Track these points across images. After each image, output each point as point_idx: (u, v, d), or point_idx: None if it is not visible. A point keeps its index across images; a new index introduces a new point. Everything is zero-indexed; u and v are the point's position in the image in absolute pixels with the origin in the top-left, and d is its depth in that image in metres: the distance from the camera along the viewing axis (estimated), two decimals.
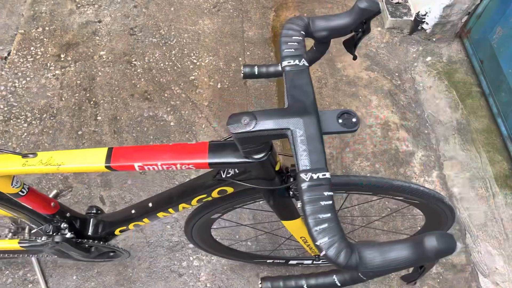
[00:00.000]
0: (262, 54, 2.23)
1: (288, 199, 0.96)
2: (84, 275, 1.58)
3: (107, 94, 2.04)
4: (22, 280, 1.56)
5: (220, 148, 0.82)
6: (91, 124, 1.95)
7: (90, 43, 2.21)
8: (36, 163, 0.86)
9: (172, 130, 1.96)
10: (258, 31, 2.32)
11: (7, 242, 1.22)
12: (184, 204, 1.01)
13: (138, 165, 0.83)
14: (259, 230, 1.68)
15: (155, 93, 2.07)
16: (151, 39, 2.25)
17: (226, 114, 2.01)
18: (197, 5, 2.40)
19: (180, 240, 1.67)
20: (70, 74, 2.09)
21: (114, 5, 2.37)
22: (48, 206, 1.07)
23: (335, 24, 0.82)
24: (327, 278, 0.72)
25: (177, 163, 0.83)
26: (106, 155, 0.85)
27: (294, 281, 0.73)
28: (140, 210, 1.10)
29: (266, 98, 2.08)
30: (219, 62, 2.19)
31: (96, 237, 1.20)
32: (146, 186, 1.80)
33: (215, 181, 0.93)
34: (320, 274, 0.73)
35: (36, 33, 2.23)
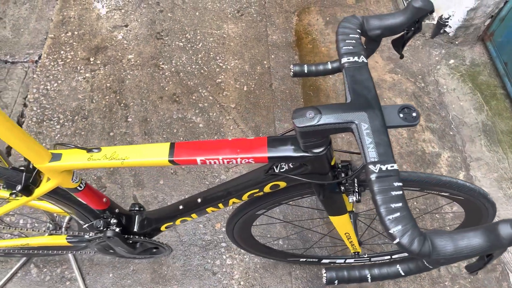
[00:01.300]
0: (287, 57, 2.26)
1: (339, 194, 0.98)
2: (120, 273, 1.61)
3: (136, 97, 2.08)
4: (60, 277, 1.59)
5: (278, 143, 0.85)
6: (122, 125, 1.99)
7: (119, 47, 2.26)
8: (100, 157, 0.89)
9: (201, 131, 1.99)
10: (282, 35, 2.36)
11: (55, 238, 1.25)
12: (234, 199, 1.04)
13: (200, 159, 0.87)
14: (299, 227, 1.70)
15: (183, 95, 2.10)
16: (177, 43, 2.29)
17: (253, 115, 2.05)
18: (221, 9, 2.45)
19: (213, 239, 1.70)
20: (99, 77, 2.14)
21: (140, 10, 2.42)
22: (100, 202, 1.11)
23: (389, 23, 0.85)
24: (390, 268, 0.74)
25: (238, 157, 0.86)
26: (169, 149, 0.88)
27: (357, 271, 0.75)
28: (188, 205, 1.13)
29: (292, 100, 2.11)
30: (244, 65, 2.23)
31: (142, 233, 1.23)
32: (178, 186, 1.83)
33: (268, 176, 0.96)
34: (383, 264, 0.75)
35: (66, 37, 2.28)
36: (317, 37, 2.36)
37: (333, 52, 2.30)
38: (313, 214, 1.77)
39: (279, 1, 2.50)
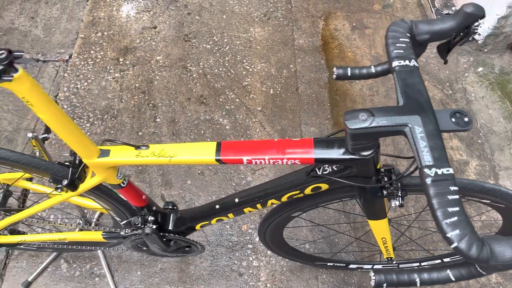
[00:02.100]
0: (313, 62, 2.27)
1: (380, 198, 0.98)
2: (148, 271, 1.62)
3: (164, 97, 2.11)
4: (89, 273, 1.61)
5: (325, 144, 0.86)
6: (151, 125, 2.01)
7: (147, 48, 2.29)
8: (148, 154, 0.91)
9: (227, 133, 2.01)
10: (308, 39, 2.37)
11: (91, 234, 1.27)
12: (273, 200, 1.05)
13: (246, 159, 0.88)
14: (333, 230, 1.70)
15: (211, 97, 2.12)
16: (205, 46, 2.32)
17: (279, 118, 2.06)
18: (248, 13, 2.47)
19: (240, 240, 1.71)
20: (129, 77, 2.17)
21: (168, 12, 2.45)
22: (140, 199, 1.12)
23: (438, 28, 0.85)
24: (440, 273, 0.74)
25: (284, 158, 0.86)
26: (215, 148, 0.89)
27: (406, 275, 0.75)
28: (225, 205, 1.14)
29: (318, 104, 2.11)
30: (271, 69, 2.24)
31: (176, 231, 1.24)
32: (205, 186, 1.84)
33: (309, 178, 0.97)
34: (433, 269, 0.75)
35: (96, 38, 2.32)
36: (343, 42, 2.36)
37: (359, 57, 2.30)
38: (340, 218, 1.77)
39: (306, 6, 2.52)
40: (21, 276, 1.59)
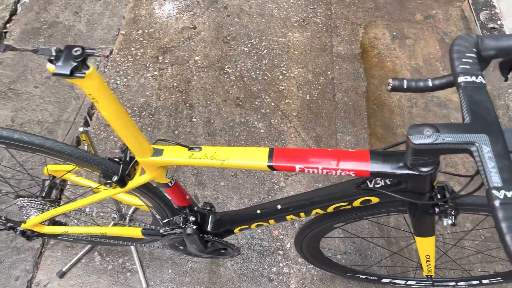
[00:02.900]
0: (352, 70, 2.25)
1: (431, 216, 0.96)
2: (179, 270, 1.63)
3: (201, 98, 2.12)
4: (121, 268, 1.63)
5: (382, 158, 0.84)
6: (187, 125, 2.03)
7: (186, 48, 2.31)
8: (201, 156, 0.91)
9: (262, 137, 2.00)
10: (347, 46, 2.35)
11: (131, 229, 1.28)
12: (319, 210, 1.03)
13: (299, 167, 0.87)
14: (371, 243, 1.68)
15: (246, 100, 2.13)
16: (243, 48, 2.32)
17: (314, 125, 2.04)
18: (287, 18, 2.46)
19: (271, 246, 1.70)
20: (167, 76, 2.20)
21: (208, 13, 2.47)
22: (184, 199, 1.13)
23: (505, 44, 0.82)
24: None
25: (338, 169, 0.85)
26: (268, 154, 0.88)
27: None
28: (266, 211, 1.13)
29: (355, 113, 2.09)
30: (308, 75, 2.23)
31: (214, 233, 1.24)
32: (237, 189, 1.84)
33: (360, 190, 0.95)
34: None
35: (136, 35, 2.36)
36: (383, 51, 2.33)
37: (399, 67, 2.27)
38: (373, 231, 1.74)
39: (346, 13, 2.49)
40: (56, 266, 1.62)
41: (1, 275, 1.60)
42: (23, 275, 1.60)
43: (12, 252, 1.65)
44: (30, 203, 1.18)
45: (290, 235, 1.72)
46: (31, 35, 2.34)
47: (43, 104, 2.07)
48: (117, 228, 1.29)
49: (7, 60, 2.23)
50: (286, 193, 1.83)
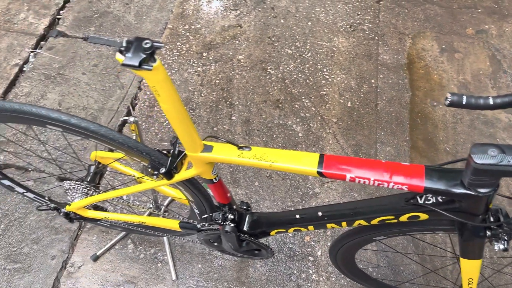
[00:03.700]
0: (396, 80, 2.20)
1: (482, 238, 0.92)
2: (208, 266, 1.64)
3: (242, 97, 2.13)
4: (152, 258, 1.65)
5: (438, 174, 0.82)
6: (226, 122, 2.04)
7: (230, 46, 2.32)
8: (250, 156, 0.91)
9: (299, 141, 1.99)
10: (394, 56, 2.30)
11: (169, 221, 1.30)
12: (362, 221, 1.01)
13: (350, 176, 0.85)
14: (407, 259, 1.64)
15: (286, 102, 2.12)
16: (286, 50, 2.31)
17: (354, 133, 2.01)
18: (334, 22, 2.44)
19: (301, 251, 1.68)
20: (210, 73, 2.21)
21: (254, 13, 2.48)
22: (225, 196, 1.13)
23: None
24: None
25: (391, 182, 0.83)
26: (318, 160, 0.87)
27: None
28: (306, 217, 1.12)
29: (397, 124, 2.04)
30: (351, 81, 2.20)
31: (250, 233, 1.24)
32: (271, 190, 1.84)
33: (408, 205, 0.92)
34: None
35: (183, 30, 2.39)
36: (430, 64, 2.27)
37: (445, 81, 2.20)
38: (408, 246, 1.69)
39: (394, 22, 2.44)
40: (90, 249, 1.66)
41: (39, 253, 1.65)
42: (59, 255, 1.65)
43: (51, 231, 1.71)
44: (76, 187, 1.21)
45: (322, 242, 1.70)
46: (82, 23, 2.41)
47: (89, 91, 2.13)
48: (156, 219, 1.31)
49: (58, 45, 2.31)
50: (320, 199, 1.81)
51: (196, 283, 1.60)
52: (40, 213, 1.74)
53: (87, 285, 1.59)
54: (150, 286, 1.59)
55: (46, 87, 2.14)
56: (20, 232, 1.70)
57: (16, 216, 1.74)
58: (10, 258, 1.64)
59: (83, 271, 1.62)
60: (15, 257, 1.65)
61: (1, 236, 1.69)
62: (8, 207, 1.76)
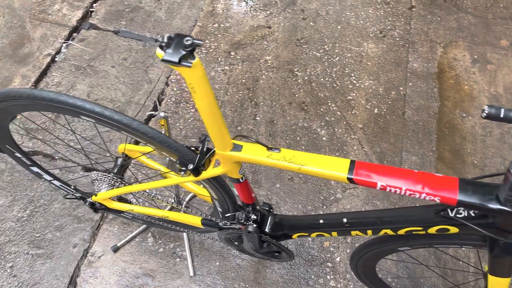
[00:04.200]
0: (425, 88, 2.16)
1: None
2: (226, 264, 1.64)
3: (267, 98, 2.13)
4: (171, 252, 1.67)
5: (472, 188, 0.79)
6: (250, 122, 2.04)
7: (258, 47, 2.32)
8: (279, 158, 0.90)
9: (323, 144, 1.98)
10: (424, 64, 2.26)
11: (191, 217, 1.31)
12: (388, 231, 1.00)
13: (381, 184, 0.84)
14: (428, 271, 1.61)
15: (312, 105, 2.10)
16: (314, 53, 2.30)
17: (379, 140, 1.98)
18: (364, 27, 2.41)
19: (320, 256, 1.67)
20: (237, 72, 2.22)
21: (284, 14, 2.47)
22: (250, 196, 1.13)
23: None
24: None
25: (423, 193, 0.81)
26: (348, 166, 0.86)
27: None
28: (330, 222, 1.11)
29: (424, 133, 2.01)
30: (378, 88, 2.17)
31: (272, 235, 1.24)
32: (292, 193, 1.83)
33: (438, 217, 0.90)
34: None
35: (212, 28, 2.40)
36: (461, 74, 2.22)
37: (476, 92, 2.15)
38: (430, 259, 1.66)
39: (426, 29, 2.40)
40: (111, 240, 1.69)
41: (61, 240, 1.69)
42: (81, 243, 1.68)
43: (73, 220, 1.74)
44: (103, 178, 1.23)
45: (341, 248, 1.68)
46: (113, 17, 2.45)
47: (117, 84, 2.16)
48: (179, 214, 1.32)
49: (89, 38, 2.35)
50: (341, 205, 1.79)
51: (213, 281, 1.60)
52: (64, 201, 1.78)
53: (106, 275, 1.61)
54: (168, 281, 1.60)
55: (76, 78, 2.18)
56: (44, 219, 1.74)
57: (42, 203, 1.77)
58: (33, 243, 1.68)
59: (103, 261, 1.64)
60: (38, 243, 1.68)
61: (26, 222, 1.73)
62: (34, 194, 1.80)
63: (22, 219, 1.73)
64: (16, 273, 1.61)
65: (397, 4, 2.52)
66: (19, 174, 1.84)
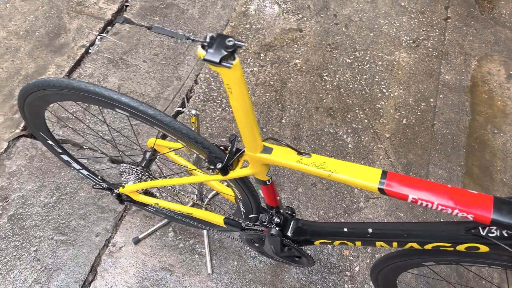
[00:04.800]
0: (457, 102, 2.11)
1: None
2: (243, 265, 1.65)
3: (294, 101, 2.12)
4: (191, 249, 1.68)
5: (507, 207, 0.77)
6: (275, 125, 2.04)
7: (288, 49, 2.32)
8: (309, 163, 0.90)
9: (348, 152, 1.96)
10: (456, 76, 2.21)
11: (214, 215, 1.31)
12: (415, 244, 0.98)
13: (412, 197, 0.82)
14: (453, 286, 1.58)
15: (339, 111, 2.09)
16: (345, 59, 2.28)
17: (406, 151, 1.95)
18: (397, 36, 2.38)
19: (339, 264, 1.65)
20: (265, 74, 2.22)
21: (316, 18, 2.46)
22: (275, 199, 1.13)
23: None
24: None
25: (456, 208, 0.79)
26: (380, 176, 0.85)
27: None
28: (355, 232, 1.10)
29: (453, 147, 1.96)
30: (408, 98, 2.14)
31: (294, 239, 1.23)
32: (314, 199, 1.82)
33: (469, 235, 0.88)
34: None
35: (244, 29, 2.41)
36: (494, 89, 2.17)
37: (510, 108, 2.09)
38: (451, 275, 1.62)
39: (461, 41, 2.35)
40: (133, 232, 1.71)
41: (84, 228, 1.72)
42: (103, 233, 1.71)
43: (97, 209, 1.77)
44: (131, 170, 1.25)
45: (361, 258, 1.66)
46: (148, 12, 2.49)
47: (147, 79, 2.19)
48: (202, 212, 1.33)
49: (123, 31, 2.39)
50: (364, 214, 1.77)
51: (230, 280, 1.61)
52: (90, 191, 1.82)
53: (126, 266, 1.63)
54: (186, 276, 1.61)
55: (108, 70, 2.22)
56: (69, 206, 1.78)
57: (68, 191, 1.82)
58: (58, 229, 1.72)
59: (124, 252, 1.67)
60: (62, 229, 1.72)
61: (52, 208, 1.77)
62: (61, 181, 1.84)
63: (49, 205, 1.78)
64: (39, 257, 1.65)
65: (432, 14, 2.48)
66: (48, 161, 1.89)
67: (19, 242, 1.68)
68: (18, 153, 1.91)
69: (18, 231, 1.70)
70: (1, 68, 2.19)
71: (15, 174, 1.85)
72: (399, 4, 2.53)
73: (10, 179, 1.84)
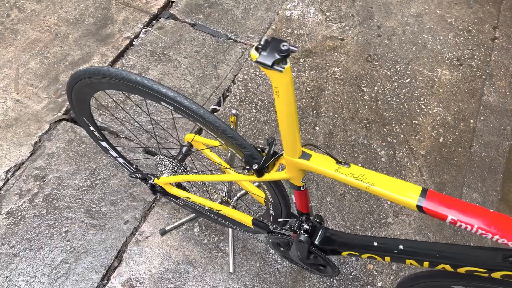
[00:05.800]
0: (498, 125, 2.05)
1: None
2: (265, 268, 1.65)
3: (330, 109, 2.11)
4: (215, 246, 1.70)
5: None
6: (309, 131, 2.03)
7: (328, 57, 2.31)
8: (347, 173, 0.89)
9: (381, 166, 1.93)
10: (500, 99, 2.15)
11: (243, 215, 1.32)
12: (447, 266, 0.96)
13: (451, 218, 0.81)
14: None
15: (375, 124, 2.06)
16: (385, 71, 2.25)
17: (441, 170, 1.91)
18: (440, 52, 2.33)
19: (362, 278, 1.63)
20: (303, 79, 2.22)
21: (359, 28, 2.44)
22: (306, 206, 1.13)
23: None
24: None
25: (496, 234, 0.77)
26: (420, 194, 0.84)
27: None
28: (385, 247, 1.08)
29: (490, 171, 1.91)
30: (447, 116, 2.09)
31: (321, 248, 1.23)
32: (342, 209, 1.80)
33: (506, 262, 0.85)
34: None
35: (285, 33, 2.42)
36: None
37: None
38: None
39: (507, 63, 2.28)
40: (160, 223, 1.75)
41: (114, 215, 1.77)
42: (132, 221, 1.75)
43: (128, 197, 1.82)
44: (168, 163, 1.28)
45: (385, 274, 1.64)
46: (192, 10, 2.53)
47: (187, 75, 2.23)
48: (232, 210, 1.34)
49: (167, 27, 2.45)
50: (391, 230, 1.74)
51: (251, 281, 1.61)
52: (122, 178, 1.86)
53: (151, 255, 1.67)
54: (207, 273, 1.63)
55: (150, 63, 2.28)
56: (102, 192, 1.83)
57: (102, 176, 1.87)
58: (89, 213, 1.78)
59: (150, 241, 1.70)
60: (93, 214, 1.78)
61: (85, 191, 1.83)
62: (96, 166, 1.90)
63: (82, 188, 1.84)
64: (69, 238, 1.71)
65: (479, 33, 2.41)
66: (85, 146, 1.95)
67: (52, 222, 1.74)
68: (58, 135, 1.98)
69: (52, 211, 1.77)
70: (49, 53, 2.28)
71: (54, 155, 1.92)
72: (445, 20, 2.48)
73: (49, 160, 1.91)
